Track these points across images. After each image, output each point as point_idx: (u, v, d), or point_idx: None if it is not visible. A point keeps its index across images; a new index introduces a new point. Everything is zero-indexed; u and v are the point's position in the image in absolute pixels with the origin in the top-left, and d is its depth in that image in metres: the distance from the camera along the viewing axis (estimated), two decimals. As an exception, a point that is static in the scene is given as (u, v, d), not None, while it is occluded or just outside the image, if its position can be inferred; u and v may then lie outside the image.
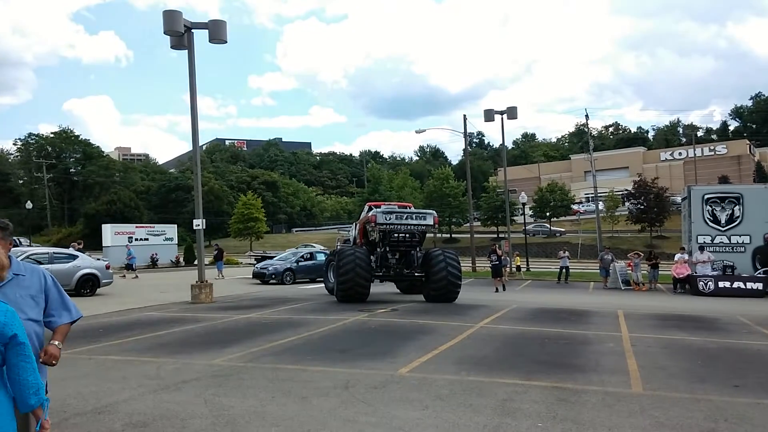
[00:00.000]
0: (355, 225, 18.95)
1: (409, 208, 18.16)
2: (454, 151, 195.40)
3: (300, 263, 24.81)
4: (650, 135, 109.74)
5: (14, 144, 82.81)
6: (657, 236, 51.86)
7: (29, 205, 60.72)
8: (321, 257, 24.27)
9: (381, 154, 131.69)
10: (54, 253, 18.07)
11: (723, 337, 10.40)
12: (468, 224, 40.19)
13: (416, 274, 16.37)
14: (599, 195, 46.01)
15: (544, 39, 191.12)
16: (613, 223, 55.08)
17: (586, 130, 57.01)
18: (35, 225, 67.91)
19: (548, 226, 59.22)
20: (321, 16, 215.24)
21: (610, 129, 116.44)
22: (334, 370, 7.27)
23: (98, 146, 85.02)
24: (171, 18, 16.16)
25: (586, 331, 10.79)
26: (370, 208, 17.28)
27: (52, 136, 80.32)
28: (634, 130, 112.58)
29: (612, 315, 13.42)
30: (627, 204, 52.68)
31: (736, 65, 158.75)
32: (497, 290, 20.51)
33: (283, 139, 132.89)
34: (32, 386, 2.51)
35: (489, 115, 31.32)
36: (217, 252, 29.38)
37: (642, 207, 49.63)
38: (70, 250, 20.07)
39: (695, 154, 73.97)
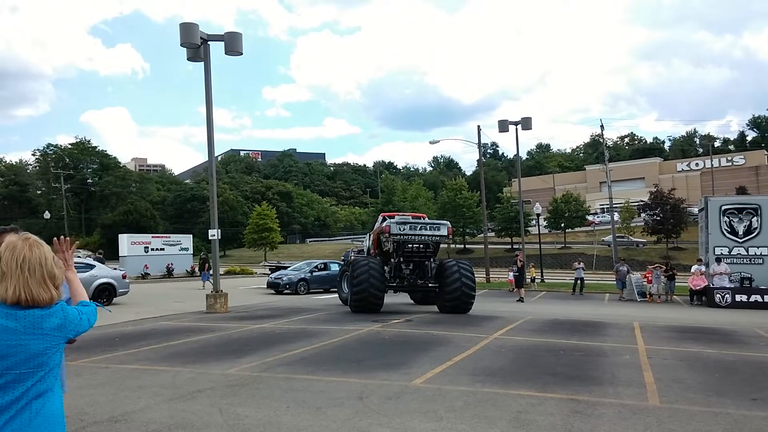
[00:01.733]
0: (369, 235, 19.00)
1: (423, 218, 18.17)
2: (468, 162, 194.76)
3: (314, 273, 24.89)
4: (666, 145, 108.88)
5: (33, 155, 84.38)
6: (673, 248, 51.20)
7: (47, 215, 61.79)
8: (335, 267, 24.33)
9: (395, 164, 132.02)
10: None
11: (740, 350, 10.24)
12: (482, 235, 40.01)
13: (430, 284, 16.35)
14: (615, 206, 45.61)
15: (557, 49, 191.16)
16: (629, 234, 54.50)
17: (601, 140, 56.65)
18: (53, 235, 68.65)
19: (629, 237, 54.74)
20: (334, 29, 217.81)
21: (626, 139, 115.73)
22: (348, 380, 7.28)
23: (115, 157, 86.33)
24: (188, 30, 16.42)
25: (602, 343, 10.68)
26: (384, 219, 17.32)
27: (69, 147, 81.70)
28: (649, 140, 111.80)
29: (628, 327, 13.27)
30: (643, 215, 52.12)
31: (752, 75, 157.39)
32: (521, 300, 20.59)
33: (298, 150, 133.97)
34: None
35: (503, 126, 31.28)
36: (201, 261, 28.50)
37: (658, 218, 49.08)
38: (87, 260, 20.36)
39: (712, 165, 73.13)
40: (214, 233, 17.37)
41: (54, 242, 2.51)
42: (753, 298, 18.88)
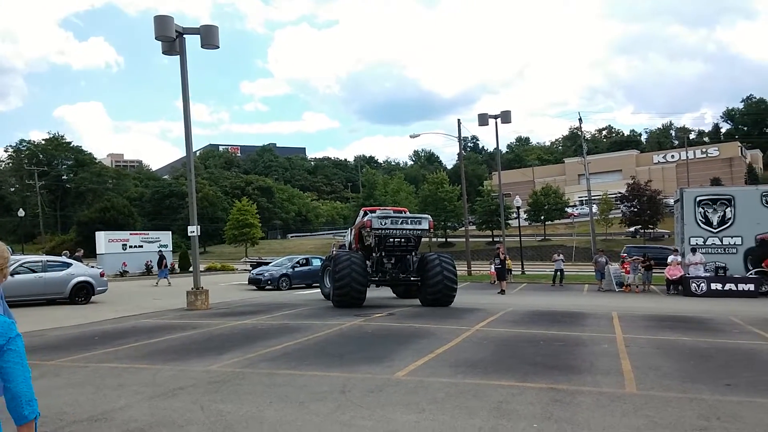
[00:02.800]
0: (351, 230, 18.99)
1: (405, 212, 18.21)
2: (449, 156, 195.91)
3: (296, 269, 24.80)
4: (643, 138, 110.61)
5: (5, 151, 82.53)
6: (650, 238, 52.16)
7: (21, 212, 60.34)
8: (317, 263, 24.27)
9: (375, 158, 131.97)
10: (47, 261, 17.99)
11: (715, 337, 10.50)
12: (463, 228, 40.30)
13: (412, 278, 16.42)
14: (593, 198, 46.28)
15: (535, 43, 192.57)
16: (607, 225, 55.39)
17: (580, 133, 57.38)
18: (28, 233, 67.54)
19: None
20: (312, 22, 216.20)
21: (604, 132, 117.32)
22: (330, 374, 7.29)
23: (90, 153, 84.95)
24: (162, 23, 16.17)
25: (581, 333, 10.86)
26: (366, 213, 17.32)
27: (43, 143, 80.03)
28: (627, 133, 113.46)
29: (606, 317, 13.50)
30: (621, 206, 52.97)
31: (725, 68, 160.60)
32: (503, 292, 20.65)
33: (278, 145, 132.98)
34: (26, 396, 2.40)
35: (483, 120, 31.45)
36: (159, 258, 27.72)
37: (636, 209, 49.93)
38: (63, 258, 20.00)
39: (687, 157, 74.52)
40: (193, 230, 17.19)
41: None
42: (727, 286, 19.35)
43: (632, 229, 52.47)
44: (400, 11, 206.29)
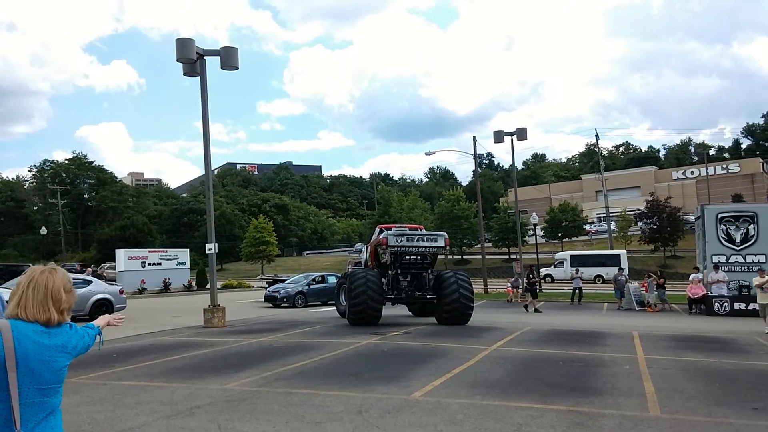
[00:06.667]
0: (366, 247, 18.98)
1: (420, 230, 18.16)
2: (464, 173, 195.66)
3: (311, 286, 24.81)
4: (661, 154, 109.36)
5: (29, 171, 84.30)
6: (670, 256, 51.28)
7: (44, 230, 61.53)
8: (332, 280, 24.26)
9: (391, 176, 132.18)
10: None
11: (741, 359, 10.22)
12: (479, 246, 40.03)
13: (428, 296, 16.31)
14: (611, 215, 45.72)
15: (549, 61, 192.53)
16: (626, 243, 54.60)
17: (597, 149, 56.97)
18: (50, 250, 68.63)
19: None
20: (327, 43, 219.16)
21: (621, 148, 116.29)
22: (346, 394, 7.24)
23: (111, 172, 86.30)
24: (184, 46, 16.54)
25: (602, 353, 10.66)
26: (381, 231, 17.31)
27: (66, 162, 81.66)
28: (644, 149, 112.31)
29: (627, 336, 13.24)
30: (640, 224, 52.23)
31: (742, 84, 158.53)
32: (537, 311, 20.67)
33: (294, 163, 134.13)
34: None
35: (498, 137, 31.42)
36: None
37: (655, 227, 49.20)
38: (84, 276, 20.27)
39: (707, 173, 73.44)
40: (211, 247, 17.32)
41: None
42: (752, 306, 18.81)
43: (651, 246, 51.77)
44: (414, 32, 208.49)
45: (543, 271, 39.36)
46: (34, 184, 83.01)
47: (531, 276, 21.97)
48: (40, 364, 2.32)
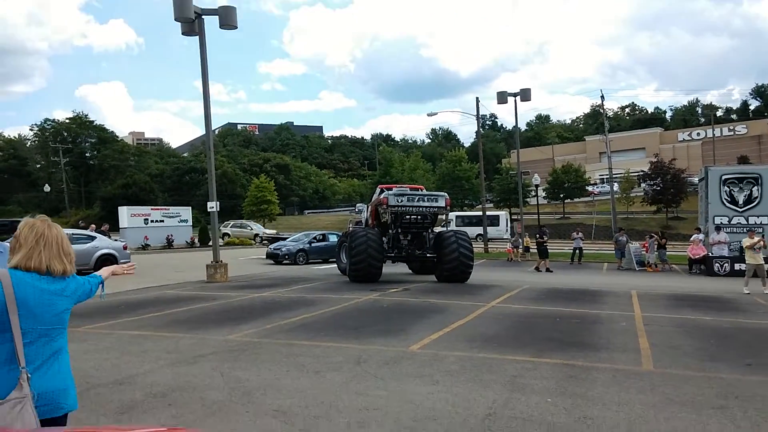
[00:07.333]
0: (367, 207, 19.01)
1: (421, 190, 18.14)
2: (466, 134, 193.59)
3: (313, 244, 24.98)
4: (668, 115, 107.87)
5: (31, 129, 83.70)
6: (673, 217, 51.29)
7: (47, 188, 61.60)
8: (333, 238, 24.42)
9: (392, 136, 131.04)
10: (73, 234, 18.37)
11: (737, 317, 10.35)
12: (481, 206, 40.01)
13: (428, 255, 16.44)
14: (615, 176, 45.49)
15: (554, 20, 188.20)
16: (629, 204, 54.51)
17: (602, 110, 56.20)
18: (53, 207, 68.82)
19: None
20: (327, 2, 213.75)
21: (627, 109, 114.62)
22: (346, 346, 7.38)
23: (112, 131, 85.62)
24: (182, 4, 16.26)
25: (599, 311, 10.80)
26: (382, 191, 17.31)
27: (67, 121, 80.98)
28: (651, 110, 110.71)
29: (625, 295, 13.39)
30: (643, 185, 52.00)
31: (753, 43, 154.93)
32: (549, 270, 20.75)
33: (295, 123, 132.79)
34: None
35: (502, 98, 30.96)
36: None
37: (658, 188, 49.01)
38: (89, 231, 20.41)
39: (714, 134, 72.60)
40: (212, 205, 17.40)
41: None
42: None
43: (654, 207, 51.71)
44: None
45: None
46: (36, 142, 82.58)
47: (540, 236, 21.98)
48: (40, 306, 2.43)
